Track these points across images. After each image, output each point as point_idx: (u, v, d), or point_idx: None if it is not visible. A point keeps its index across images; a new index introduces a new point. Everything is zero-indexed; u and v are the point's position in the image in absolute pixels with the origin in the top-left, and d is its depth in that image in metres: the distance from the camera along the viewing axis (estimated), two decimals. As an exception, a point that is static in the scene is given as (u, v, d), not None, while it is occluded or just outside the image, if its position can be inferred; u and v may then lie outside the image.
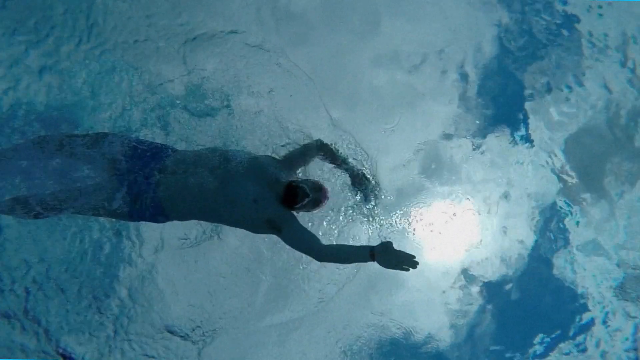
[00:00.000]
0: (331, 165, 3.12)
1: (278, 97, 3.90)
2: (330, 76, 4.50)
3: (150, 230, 3.85)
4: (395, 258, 2.38)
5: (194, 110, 3.65)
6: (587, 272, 5.10)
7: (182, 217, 2.73)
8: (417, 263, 2.38)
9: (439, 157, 4.71)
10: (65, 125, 3.59)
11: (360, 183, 2.98)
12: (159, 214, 2.60)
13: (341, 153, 3.00)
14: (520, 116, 4.83)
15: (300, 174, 3.02)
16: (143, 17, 3.76)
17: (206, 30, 4.03)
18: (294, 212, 2.86)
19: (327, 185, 3.07)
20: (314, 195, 2.76)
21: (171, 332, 4.18)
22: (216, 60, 3.99)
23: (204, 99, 3.72)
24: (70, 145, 2.74)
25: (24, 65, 3.55)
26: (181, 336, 4.16)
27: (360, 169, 3.01)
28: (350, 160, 3.03)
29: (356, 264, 3.50)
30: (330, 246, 2.68)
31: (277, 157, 3.00)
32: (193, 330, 4.19)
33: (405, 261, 2.37)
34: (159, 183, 2.54)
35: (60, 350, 4.02)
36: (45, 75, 3.62)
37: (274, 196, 2.70)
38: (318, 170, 3.37)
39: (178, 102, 3.66)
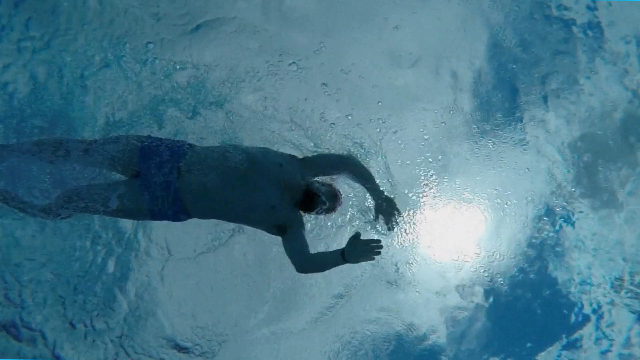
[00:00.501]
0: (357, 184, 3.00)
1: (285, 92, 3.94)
2: (327, 75, 4.51)
3: (156, 239, 3.81)
4: (361, 248, 2.46)
5: (199, 104, 3.64)
6: (586, 272, 5.21)
7: (203, 216, 2.74)
8: (381, 247, 2.47)
9: (437, 159, 4.73)
10: (63, 124, 3.52)
11: (386, 210, 2.77)
12: (181, 213, 2.60)
13: (373, 176, 2.86)
14: (519, 118, 4.87)
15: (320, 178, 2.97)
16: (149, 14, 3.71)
17: (211, 19, 4.00)
18: (305, 216, 2.87)
19: (340, 188, 3.08)
20: (330, 204, 2.79)
21: (176, 344, 4.14)
22: (219, 54, 3.98)
23: (209, 93, 3.71)
24: (79, 148, 2.64)
25: (22, 65, 3.47)
26: (187, 347, 4.13)
27: (390, 196, 2.82)
28: (379, 185, 2.85)
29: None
30: (312, 256, 2.69)
31: (298, 155, 2.93)
32: (198, 337, 4.16)
33: (371, 248, 2.45)
34: (180, 183, 2.52)
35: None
36: (46, 73, 3.55)
37: (290, 201, 2.71)
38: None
39: (180, 96, 3.63)
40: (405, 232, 4.14)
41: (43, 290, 3.59)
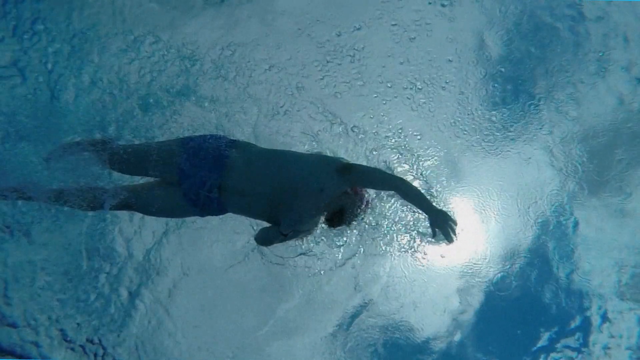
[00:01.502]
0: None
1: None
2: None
3: (168, 258, 3.71)
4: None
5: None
6: (588, 272, 5.38)
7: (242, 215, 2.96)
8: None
9: (436, 161, 4.77)
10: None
11: (442, 223, 2.59)
12: (223, 213, 2.85)
13: (423, 195, 2.71)
14: (523, 118, 4.90)
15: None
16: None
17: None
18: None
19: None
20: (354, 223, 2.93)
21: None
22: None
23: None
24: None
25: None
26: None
27: (443, 209, 2.67)
28: (430, 202, 2.67)
29: None
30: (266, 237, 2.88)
31: (341, 160, 2.82)
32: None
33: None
34: (223, 199, 2.70)
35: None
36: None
37: (318, 217, 2.80)
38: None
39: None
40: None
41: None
